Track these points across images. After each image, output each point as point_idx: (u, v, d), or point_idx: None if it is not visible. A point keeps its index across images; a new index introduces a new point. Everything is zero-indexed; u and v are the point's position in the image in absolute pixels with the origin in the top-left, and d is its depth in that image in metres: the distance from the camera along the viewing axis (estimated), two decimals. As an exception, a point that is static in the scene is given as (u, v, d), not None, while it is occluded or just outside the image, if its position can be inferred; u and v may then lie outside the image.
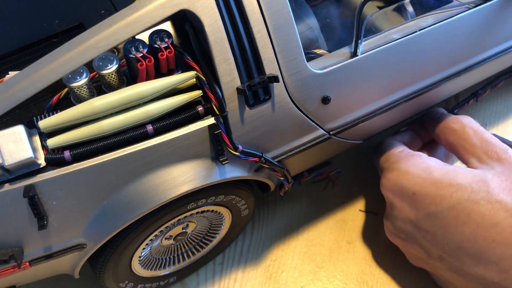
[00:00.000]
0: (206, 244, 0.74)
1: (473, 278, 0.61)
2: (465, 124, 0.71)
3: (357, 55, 0.62)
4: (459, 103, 0.85)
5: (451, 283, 0.66)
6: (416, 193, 0.65)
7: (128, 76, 0.58)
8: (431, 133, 0.77)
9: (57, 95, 0.57)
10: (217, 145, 0.57)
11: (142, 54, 0.55)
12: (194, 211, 0.65)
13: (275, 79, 0.56)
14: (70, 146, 0.53)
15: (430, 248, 0.65)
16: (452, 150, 0.72)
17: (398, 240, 0.70)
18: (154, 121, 0.55)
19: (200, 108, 0.57)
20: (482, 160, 0.66)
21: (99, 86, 0.57)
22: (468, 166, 0.68)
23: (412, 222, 0.66)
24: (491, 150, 0.66)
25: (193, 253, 0.74)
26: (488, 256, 0.59)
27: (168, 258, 0.72)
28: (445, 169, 0.65)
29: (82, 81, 0.54)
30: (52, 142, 0.52)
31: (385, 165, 0.72)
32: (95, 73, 0.57)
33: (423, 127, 0.79)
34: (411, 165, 0.68)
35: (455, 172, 0.64)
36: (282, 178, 0.68)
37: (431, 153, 0.73)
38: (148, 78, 0.56)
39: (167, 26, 0.64)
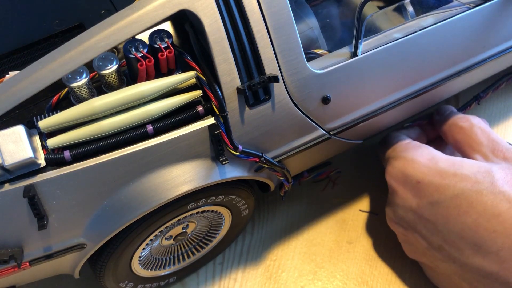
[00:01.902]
0: (206, 244, 0.74)
1: (471, 269, 0.61)
2: (474, 123, 0.72)
3: (357, 55, 0.62)
4: (461, 106, 0.85)
5: (447, 276, 0.67)
6: (420, 182, 0.66)
7: (128, 76, 0.58)
8: (438, 129, 0.77)
9: (57, 95, 0.57)
10: (217, 145, 0.57)
11: (142, 54, 0.55)
12: (194, 211, 0.64)
13: (275, 79, 0.56)
14: (70, 146, 0.53)
15: (430, 237, 0.65)
16: (458, 148, 0.73)
17: (399, 228, 0.71)
18: (154, 121, 0.55)
19: (200, 108, 0.57)
20: (487, 157, 0.67)
21: (99, 86, 0.57)
22: None
23: (414, 210, 0.66)
24: (497, 149, 0.67)
25: (193, 253, 0.74)
26: (488, 246, 0.59)
27: (168, 258, 0.72)
28: (451, 160, 0.66)
29: (82, 81, 0.54)
30: (52, 142, 0.52)
31: (391, 154, 0.73)
32: (95, 73, 0.57)
33: (429, 123, 0.80)
34: (418, 155, 0.68)
35: (461, 162, 0.65)
36: (282, 178, 0.68)
37: (437, 149, 0.73)
38: (148, 78, 0.56)
39: (167, 26, 0.64)
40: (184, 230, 0.68)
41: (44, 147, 0.53)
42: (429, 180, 0.65)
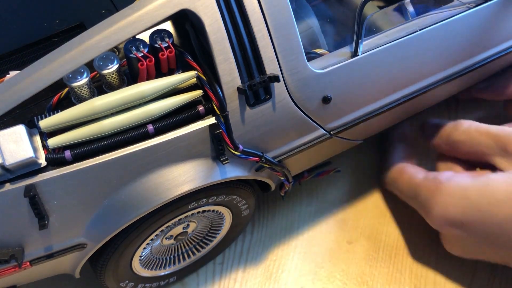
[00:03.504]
0: (207, 244, 0.74)
1: None
2: (466, 130, 0.71)
3: (358, 55, 0.62)
4: None
5: None
6: (464, 223, 0.65)
7: (129, 76, 0.58)
8: (438, 149, 0.77)
9: (58, 95, 0.57)
10: (218, 145, 0.57)
11: (142, 54, 0.55)
12: (195, 211, 0.64)
13: (275, 78, 0.56)
14: (71, 146, 0.53)
15: (497, 257, 0.67)
16: (473, 158, 0.72)
17: (467, 256, 0.71)
18: (154, 120, 0.55)
19: (200, 108, 0.57)
20: (505, 155, 0.67)
21: (99, 86, 0.57)
22: (497, 167, 0.68)
23: (470, 244, 0.67)
24: (508, 143, 0.66)
25: (193, 253, 0.74)
26: None
27: (168, 258, 0.72)
28: (478, 187, 0.64)
29: (83, 80, 0.54)
30: (52, 141, 0.52)
31: (419, 199, 0.70)
32: (95, 72, 0.57)
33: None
34: (448, 198, 0.66)
35: (489, 187, 0.64)
36: (282, 178, 0.68)
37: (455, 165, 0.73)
38: (148, 77, 0.56)
39: (168, 26, 0.64)
40: (184, 230, 0.68)
41: (44, 146, 0.53)
42: (471, 219, 0.64)
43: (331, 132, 0.67)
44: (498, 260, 0.68)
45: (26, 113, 0.57)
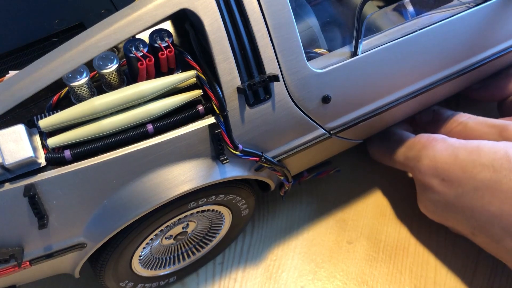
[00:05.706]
0: (206, 244, 0.74)
1: (507, 250, 0.64)
2: (465, 121, 0.75)
3: (357, 55, 0.62)
4: None
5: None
6: (445, 179, 0.68)
7: (129, 76, 0.58)
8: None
9: (57, 95, 0.57)
10: (217, 145, 0.57)
11: (142, 53, 0.55)
12: (195, 211, 0.64)
13: (275, 78, 0.56)
14: (71, 146, 0.53)
15: (462, 225, 0.68)
16: None
17: (435, 217, 0.73)
18: (154, 120, 0.55)
19: (200, 108, 0.57)
20: (500, 140, 0.69)
21: (99, 86, 0.57)
22: None
23: (444, 203, 0.69)
24: (503, 129, 0.70)
25: (193, 253, 0.74)
26: None
27: (168, 258, 0.72)
28: (468, 148, 0.67)
29: (82, 80, 0.54)
30: (52, 141, 0.52)
31: (410, 153, 0.74)
32: (95, 72, 0.57)
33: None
34: (438, 151, 0.69)
35: (478, 150, 0.66)
36: (282, 178, 0.68)
37: None
38: (148, 77, 0.56)
39: (168, 26, 0.64)
40: (184, 230, 0.68)
41: (44, 146, 0.53)
42: (453, 175, 0.67)
43: (331, 132, 0.66)
44: (459, 228, 0.70)
45: (26, 113, 0.57)
